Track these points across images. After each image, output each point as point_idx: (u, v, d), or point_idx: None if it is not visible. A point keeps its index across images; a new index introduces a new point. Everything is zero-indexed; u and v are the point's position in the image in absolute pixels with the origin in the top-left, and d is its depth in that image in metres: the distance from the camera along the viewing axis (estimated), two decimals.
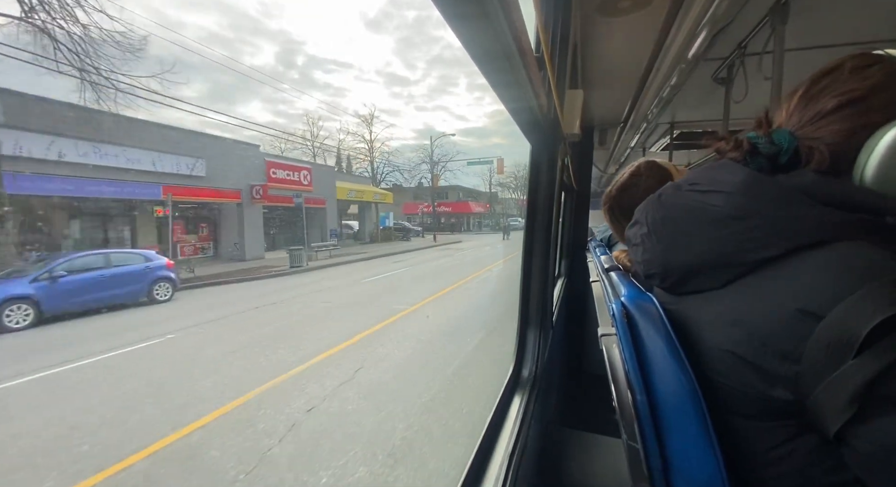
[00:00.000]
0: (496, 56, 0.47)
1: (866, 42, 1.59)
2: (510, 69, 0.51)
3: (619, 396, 0.60)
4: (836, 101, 0.47)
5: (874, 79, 0.46)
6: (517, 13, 0.44)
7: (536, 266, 1.02)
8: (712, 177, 0.53)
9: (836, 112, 0.47)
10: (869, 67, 0.47)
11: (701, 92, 2.21)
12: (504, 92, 0.58)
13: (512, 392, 0.94)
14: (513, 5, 0.41)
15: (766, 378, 0.44)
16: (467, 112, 63.42)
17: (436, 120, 56.52)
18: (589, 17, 1.24)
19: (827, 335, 0.38)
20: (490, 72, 0.51)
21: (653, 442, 0.56)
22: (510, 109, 0.65)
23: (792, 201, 0.45)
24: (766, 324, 0.43)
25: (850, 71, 0.48)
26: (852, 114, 0.46)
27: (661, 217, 0.57)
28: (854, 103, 0.46)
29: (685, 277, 0.54)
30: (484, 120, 66.29)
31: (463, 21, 0.39)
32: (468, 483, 0.66)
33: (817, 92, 0.50)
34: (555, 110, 0.82)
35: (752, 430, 0.49)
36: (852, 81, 0.47)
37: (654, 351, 0.57)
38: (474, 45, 0.43)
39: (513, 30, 0.43)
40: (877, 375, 0.35)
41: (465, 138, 42.21)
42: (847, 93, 0.47)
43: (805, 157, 0.48)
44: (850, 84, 0.47)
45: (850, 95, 0.46)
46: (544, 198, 1.01)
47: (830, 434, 0.38)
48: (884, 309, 0.35)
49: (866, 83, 0.46)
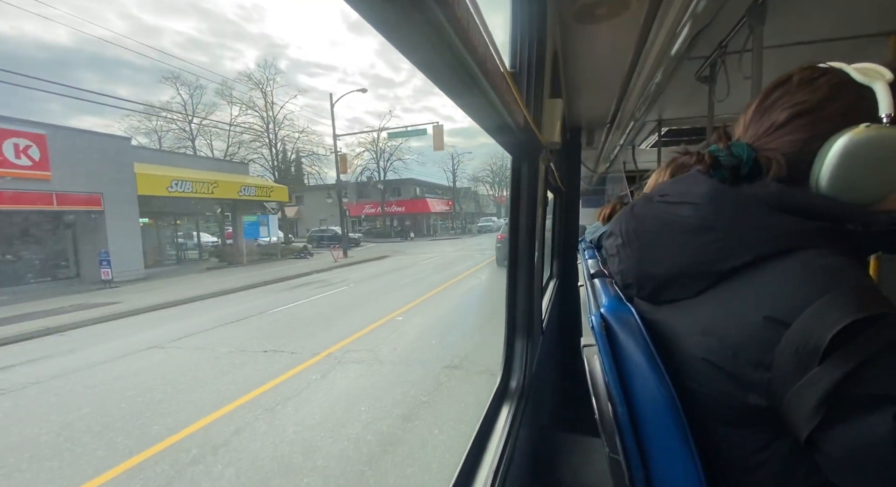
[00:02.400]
0: (460, 80, 0.47)
1: (844, 37, 1.61)
2: (477, 91, 0.51)
3: (599, 408, 0.61)
4: (787, 113, 0.49)
5: (822, 91, 0.48)
6: (478, 37, 0.44)
7: (522, 276, 1.02)
8: (681, 188, 0.54)
9: (789, 123, 0.49)
10: (816, 79, 0.49)
11: (686, 90, 2.22)
12: (474, 112, 0.58)
13: (500, 403, 0.94)
14: (472, 30, 0.41)
15: (741, 385, 0.45)
16: (454, 112, 63.14)
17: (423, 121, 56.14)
18: (567, 26, 1.25)
19: (794, 342, 0.39)
20: (456, 96, 0.51)
21: (635, 454, 0.57)
22: (483, 126, 0.65)
23: (756, 211, 0.47)
24: (736, 333, 0.44)
25: (797, 84, 0.50)
26: (804, 124, 0.48)
27: (633, 228, 0.58)
28: (804, 114, 0.48)
29: (659, 287, 0.55)
30: (470, 120, 65.83)
31: (418, 52, 0.39)
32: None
33: (770, 104, 0.52)
34: (533, 121, 0.83)
35: (730, 437, 0.50)
36: (801, 94, 0.49)
37: (634, 363, 0.57)
38: (434, 72, 0.44)
39: (474, 54, 0.43)
40: (841, 380, 0.36)
41: (452, 138, 38.27)
42: (797, 104, 0.49)
43: (765, 168, 0.50)
44: (800, 96, 0.49)
45: (801, 107, 0.48)
46: (527, 206, 1.01)
47: (802, 438, 0.39)
48: (846, 316, 0.36)
49: (815, 95, 0.48)
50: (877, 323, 0.36)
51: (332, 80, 58.76)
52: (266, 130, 26.19)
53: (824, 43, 1.61)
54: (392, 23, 0.32)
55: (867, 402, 0.36)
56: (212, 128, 24.50)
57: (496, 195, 40.84)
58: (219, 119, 25.14)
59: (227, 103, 25.40)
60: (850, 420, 0.36)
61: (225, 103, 25.31)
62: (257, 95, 26.00)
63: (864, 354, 0.36)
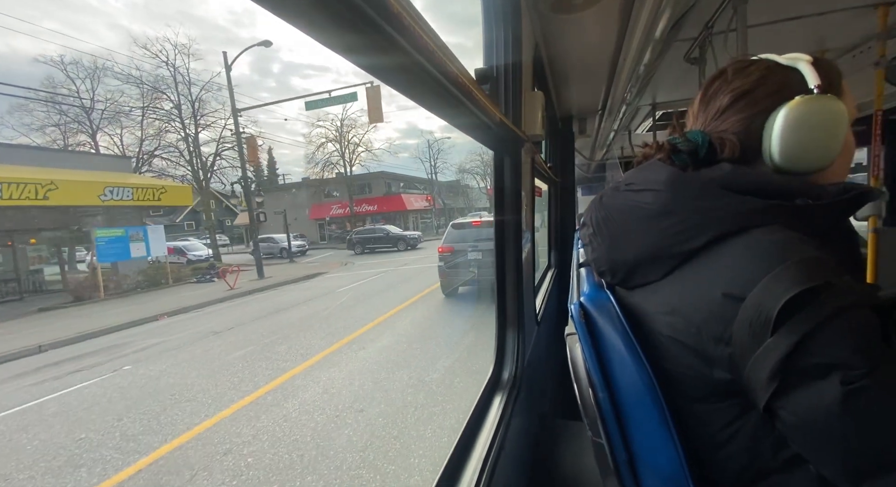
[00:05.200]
0: (426, 86, 0.49)
1: (832, 11, 1.59)
2: (445, 94, 0.53)
3: (581, 394, 0.63)
4: (729, 97, 0.54)
5: (754, 75, 0.53)
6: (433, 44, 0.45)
7: (509, 268, 1.04)
8: (644, 176, 0.56)
9: (732, 106, 0.54)
10: (747, 68, 0.54)
11: (677, 72, 2.21)
12: (445, 115, 0.59)
13: (491, 393, 0.96)
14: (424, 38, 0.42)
15: (706, 361, 0.47)
16: None
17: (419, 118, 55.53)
18: (546, 17, 1.25)
19: (748, 316, 0.41)
20: (425, 102, 0.52)
21: (617, 437, 0.59)
22: (458, 127, 0.67)
23: (711, 194, 0.49)
24: (698, 310, 0.47)
25: (732, 73, 0.55)
26: (745, 104, 0.53)
27: (602, 217, 0.61)
28: (743, 96, 0.53)
29: (630, 273, 0.57)
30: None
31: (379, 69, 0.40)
32: (443, 482, 0.68)
33: (712, 94, 0.56)
34: (512, 115, 0.84)
35: (703, 413, 0.53)
36: (737, 81, 0.54)
37: (614, 348, 0.59)
38: (397, 83, 0.45)
39: (435, 62, 0.45)
40: (791, 350, 0.38)
41: (447, 133, 35.89)
42: (735, 89, 0.54)
43: (720, 148, 0.53)
44: (736, 82, 0.54)
45: (739, 90, 0.54)
46: (512, 198, 1.02)
47: (760, 407, 0.42)
48: (792, 287, 0.39)
49: (748, 79, 0.53)
50: (823, 292, 0.38)
51: (326, 81, 58.46)
52: (179, 116, 19.02)
53: (811, 18, 1.59)
54: (338, 34, 0.33)
55: (815, 370, 0.38)
56: (114, 113, 18.19)
57: (488, 187, 33.15)
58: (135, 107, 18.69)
59: (137, 87, 18.50)
60: (801, 387, 0.39)
61: (136, 88, 18.61)
62: (167, 74, 18.80)
63: (812, 323, 0.38)
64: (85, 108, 17.98)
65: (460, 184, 36.54)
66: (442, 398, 3.50)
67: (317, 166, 26.99)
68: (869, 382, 0.36)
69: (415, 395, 3.59)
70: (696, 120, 0.59)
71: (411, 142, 67.51)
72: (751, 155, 0.52)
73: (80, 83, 17.78)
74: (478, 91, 0.56)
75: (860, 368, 0.36)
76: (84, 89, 17.91)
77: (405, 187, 30.73)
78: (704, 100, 0.57)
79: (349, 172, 26.94)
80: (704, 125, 0.57)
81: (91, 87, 18.09)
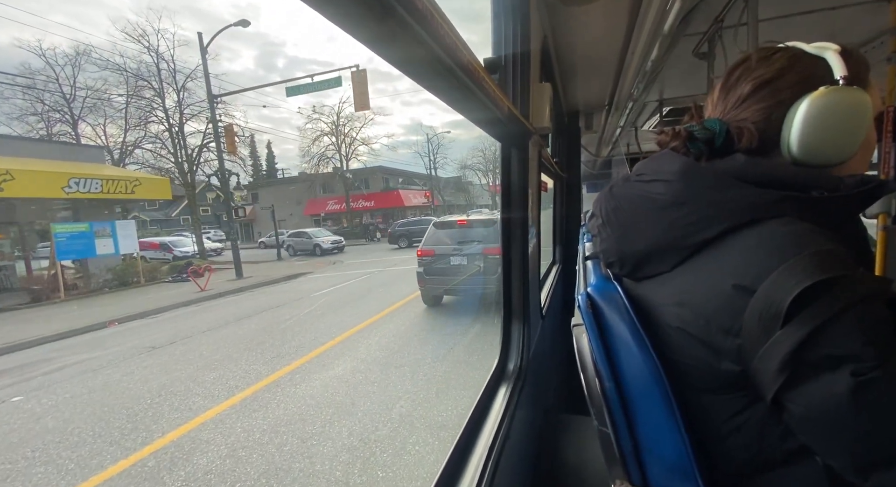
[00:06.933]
0: (437, 74, 0.49)
1: (843, 6, 1.57)
2: (455, 83, 0.53)
3: (587, 384, 0.63)
4: (751, 85, 0.53)
5: (779, 63, 0.52)
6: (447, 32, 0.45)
7: (516, 261, 1.04)
8: (656, 167, 0.56)
9: (753, 95, 0.52)
10: (772, 56, 0.52)
11: (685, 68, 2.19)
12: (455, 104, 0.59)
13: (496, 385, 0.97)
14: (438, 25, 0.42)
15: (715, 352, 0.47)
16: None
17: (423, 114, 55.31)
18: (555, 9, 1.24)
19: (758, 307, 0.41)
20: (436, 90, 0.52)
21: (623, 427, 0.59)
22: (467, 117, 0.67)
23: (725, 185, 0.49)
24: (708, 302, 0.47)
25: (756, 61, 0.53)
26: (767, 93, 0.52)
27: (612, 208, 0.60)
28: (766, 84, 0.52)
29: (639, 264, 0.57)
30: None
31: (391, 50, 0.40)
32: (446, 475, 0.69)
33: (734, 82, 0.55)
34: (520, 107, 0.84)
35: (710, 404, 0.53)
36: (760, 69, 0.53)
37: (621, 339, 0.59)
38: (410, 68, 0.45)
39: (449, 51, 0.45)
40: (802, 342, 0.38)
41: (454, 130, 34.70)
42: (758, 77, 0.52)
43: (737, 138, 0.53)
44: (760, 71, 0.53)
45: (762, 79, 0.52)
46: (519, 191, 1.02)
47: (768, 399, 0.42)
48: (804, 279, 0.38)
49: (773, 67, 0.52)
50: (836, 284, 0.38)
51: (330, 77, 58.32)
52: (163, 105, 17.36)
53: (823, 12, 1.57)
54: (365, 25, 0.34)
55: (826, 362, 0.38)
56: (95, 101, 16.83)
57: (491, 183, 32.79)
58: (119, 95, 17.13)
59: (121, 74, 16.90)
60: (811, 379, 0.38)
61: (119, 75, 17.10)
62: (147, 58, 17.29)
63: (824, 316, 0.37)
64: (65, 96, 16.87)
65: (462, 181, 35.69)
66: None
67: (312, 160, 26.39)
68: (880, 374, 0.36)
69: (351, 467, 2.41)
70: (715, 108, 0.58)
71: (415, 139, 67.15)
72: (769, 145, 0.51)
73: (60, 70, 16.53)
74: (489, 80, 0.56)
75: (871, 360, 0.36)
76: (64, 76, 16.70)
77: (404, 183, 29.88)
78: (725, 88, 0.56)
79: (346, 167, 26.10)
80: (723, 113, 0.56)
81: (72, 74, 16.87)
